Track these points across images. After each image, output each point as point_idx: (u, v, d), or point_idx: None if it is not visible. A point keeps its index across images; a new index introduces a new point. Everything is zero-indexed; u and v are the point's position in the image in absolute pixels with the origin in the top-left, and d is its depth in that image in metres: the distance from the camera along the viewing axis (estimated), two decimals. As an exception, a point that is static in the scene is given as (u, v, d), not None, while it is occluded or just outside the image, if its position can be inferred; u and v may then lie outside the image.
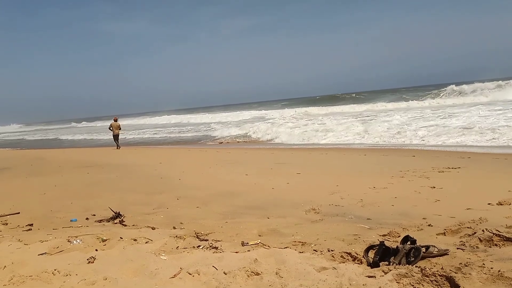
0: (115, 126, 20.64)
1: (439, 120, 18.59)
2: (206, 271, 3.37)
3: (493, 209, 5.02)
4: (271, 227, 4.87)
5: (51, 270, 3.48)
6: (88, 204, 7.04)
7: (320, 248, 3.89)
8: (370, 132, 17.80)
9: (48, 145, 33.01)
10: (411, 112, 24.85)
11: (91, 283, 3.22)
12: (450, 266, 3.08)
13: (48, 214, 6.40)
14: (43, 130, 69.80)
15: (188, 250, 4.08)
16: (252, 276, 3.23)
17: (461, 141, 13.13)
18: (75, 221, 5.75)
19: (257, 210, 5.99)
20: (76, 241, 4.49)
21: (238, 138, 24.04)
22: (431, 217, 4.80)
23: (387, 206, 5.59)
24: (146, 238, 4.54)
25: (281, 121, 28.14)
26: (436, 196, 5.95)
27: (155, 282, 3.20)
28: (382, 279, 2.95)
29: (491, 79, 37.58)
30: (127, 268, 3.53)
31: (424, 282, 2.85)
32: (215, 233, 4.81)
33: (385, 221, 4.78)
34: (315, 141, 18.33)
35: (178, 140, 27.42)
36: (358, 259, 3.46)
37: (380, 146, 14.33)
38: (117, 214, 5.76)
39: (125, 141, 27.56)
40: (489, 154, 10.47)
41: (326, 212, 5.48)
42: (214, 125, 36.82)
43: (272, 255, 3.64)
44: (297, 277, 3.14)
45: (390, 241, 3.89)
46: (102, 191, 8.46)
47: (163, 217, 5.83)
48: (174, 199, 7.10)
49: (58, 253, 4.13)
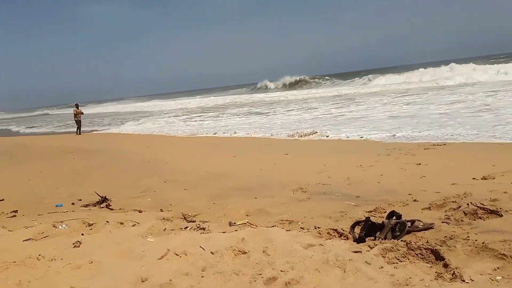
0: (77, 113, 22.37)
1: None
2: (193, 251, 3.35)
3: (477, 184, 5.08)
4: (259, 207, 4.87)
5: (35, 255, 3.43)
6: (74, 189, 6.96)
7: (307, 225, 3.90)
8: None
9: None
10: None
11: (77, 267, 3.19)
12: (435, 240, 3.12)
13: (33, 200, 6.31)
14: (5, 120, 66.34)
15: (175, 232, 4.06)
16: (240, 255, 3.23)
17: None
18: (61, 206, 5.67)
19: (245, 191, 5.98)
20: (61, 226, 4.43)
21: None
22: (416, 192, 4.84)
23: (374, 183, 5.62)
24: (133, 221, 4.50)
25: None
26: (421, 173, 6.00)
27: (142, 264, 3.18)
28: (368, 254, 2.97)
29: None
30: (114, 251, 3.50)
31: (410, 255, 2.88)
32: (203, 214, 4.79)
33: (372, 198, 4.81)
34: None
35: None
36: (344, 235, 3.48)
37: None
38: (104, 198, 5.70)
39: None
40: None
41: (313, 191, 5.50)
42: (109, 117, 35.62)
43: (259, 234, 3.63)
44: (284, 254, 3.14)
45: (376, 217, 3.92)
46: (88, 176, 8.37)
47: (151, 200, 5.80)
48: (161, 183, 7.06)
49: (43, 238, 4.07)
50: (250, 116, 21.90)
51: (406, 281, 2.52)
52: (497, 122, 10.29)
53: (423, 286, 2.43)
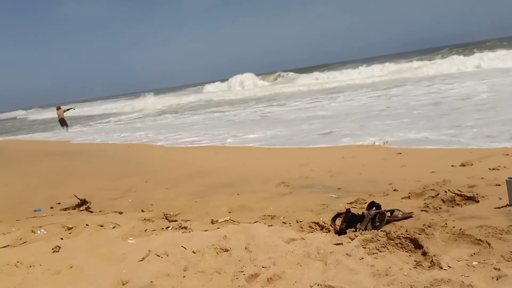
0: (60, 113, 22.78)
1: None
2: (174, 251, 3.33)
3: (456, 171, 5.16)
4: (241, 203, 4.86)
5: (13, 262, 3.36)
6: (53, 192, 6.82)
7: (289, 220, 3.91)
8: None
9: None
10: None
11: (56, 273, 3.13)
12: (414, 228, 3.15)
13: (11, 206, 6.17)
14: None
15: (157, 232, 4.03)
16: (222, 252, 3.22)
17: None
18: (39, 210, 5.56)
19: (227, 187, 5.95)
20: (40, 231, 4.34)
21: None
22: (397, 182, 4.89)
23: (355, 174, 5.66)
24: (114, 223, 4.44)
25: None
26: (402, 162, 6.06)
27: (122, 267, 3.14)
28: (349, 245, 2.99)
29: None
30: (94, 255, 3.45)
31: (389, 245, 2.91)
32: (184, 213, 4.76)
33: (353, 189, 4.84)
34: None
35: None
36: (325, 228, 3.49)
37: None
38: (83, 201, 5.61)
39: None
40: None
41: (295, 185, 5.51)
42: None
43: (241, 231, 3.63)
44: (265, 250, 3.14)
45: (357, 208, 3.95)
46: (68, 178, 8.23)
47: (131, 201, 5.73)
48: (142, 182, 6.98)
49: (21, 244, 3.99)
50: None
51: (386, 271, 2.55)
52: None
53: (402, 275, 2.46)
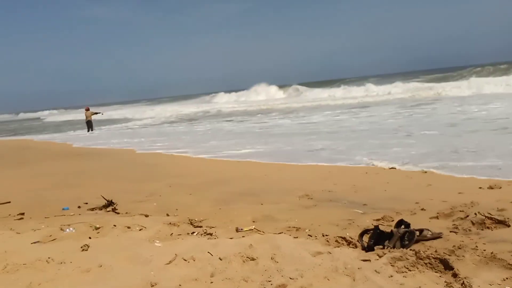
0: (88, 115, 23.44)
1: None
2: (201, 257, 3.37)
3: (484, 193, 5.07)
4: (265, 213, 4.88)
5: (45, 258, 3.45)
6: (79, 192, 6.98)
7: (315, 233, 3.91)
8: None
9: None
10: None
11: (86, 271, 3.21)
12: (444, 249, 3.12)
13: (40, 203, 6.34)
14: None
15: (183, 237, 4.08)
16: (248, 261, 3.24)
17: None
18: (67, 209, 5.70)
19: (250, 196, 5.99)
20: (69, 229, 4.45)
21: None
22: (423, 201, 4.84)
23: (380, 191, 5.62)
24: (140, 225, 4.52)
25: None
26: (427, 181, 5.99)
27: (150, 269, 3.19)
28: (377, 262, 2.98)
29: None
30: (122, 256, 3.51)
31: (419, 264, 2.89)
32: (209, 219, 4.80)
33: (379, 206, 4.81)
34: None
35: None
36: (352, 244, 3.48)
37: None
38: (110, 202, 5.72)
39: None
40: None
41: (319, 198, 5.50)
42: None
43: (266, 241, 3.65)
44: (292, 261, 3.15)
45: (384, 225, 3.93)
46: (92, 179, 8.40)
47: (156, 205, 5.81)
48: (166, 187, 7.07)
49: (51, 241, 4.09)
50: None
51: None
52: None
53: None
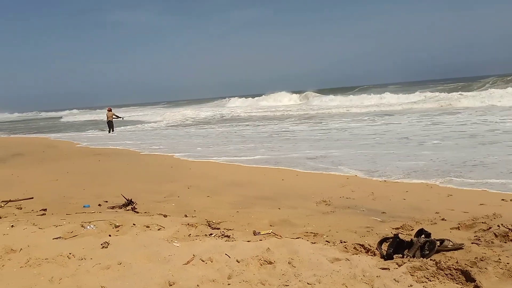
0: (109, 116, 23.72)
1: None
2: (219, 258, 3.38)
3: (507, 205, 4.96)
4: (282, 218, 4.88)
5: (66, 253, 3.53)
6: (100, 190, 7.10)
7: (333, 239, 3.89)
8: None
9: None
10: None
11: (106, 268, 3.26)
12: (466, 260, 3.06)
13: (61, 199, 6.47)
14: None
15: (201, 238, 4.10)
16: (265, 264, 3.25)
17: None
18: (88, 207, 5.80)
19: (268, 200, 5.99)
20: (89, 226, 4.53)
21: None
22: (444, 211, 4.77)
23: (399, 199, 5.56)
24: (159, 225, 4.57)
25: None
26: (448, 191, 5.90)
27: (168, 268, 3.23)
28: (396, 271, 2.95)
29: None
30: (141, 254, 3.56)
31: (439, 275, 2.85)
32: (227, 222, 4.83)
33: (398, 215, 4.76)
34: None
35: None
36: (371, 251, 3.46)
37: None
38: (129, 201, 5.80)
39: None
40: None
41: (337, 204, 5.47)
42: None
43: (284, 245, 3.65)
44: (310, 267, 3.14)
45: (404, 234, 3.88)
46: (113, 178, 8.53)
47: (175, 205, 5.87)
48: (184, 188, 7.13)
49: (72, 237, 4.17)
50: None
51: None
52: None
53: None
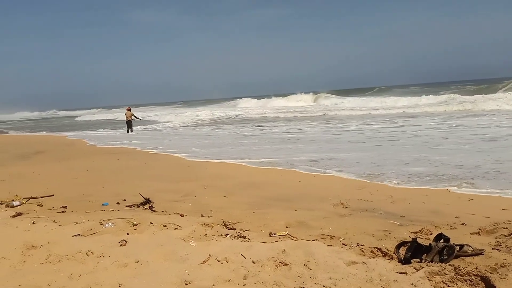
0: (128, 115, 23.71)
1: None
2: (234, 259, 3.39)
3: (529, 211, 4.85)
4: (299, 219, 4.86)
5: (85, 251, 3.59)
6: (118, 189, 7.19)
7: (349, 242, 3.86)
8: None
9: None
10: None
11: (123, 265, 3.30)
12: (485, 266, 3.00)
13: (81, 197, 6.58)
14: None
15: (217, 238, 4.12)
16: (281, 266, 3.24)
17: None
18: (107, 205, 5.89)
19: (284, 202, 5.98)
20: (108, 224, 4.60)
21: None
22: (464, 216, 4.68)
23: (418, 203, 5.48)
24: (175, 224, 4.61)
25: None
26: (468, 195, 5.79)
27: (185, 267, 3.25)
28: (413, 276, 2.91)
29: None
30: (158, 253, 3.60)
31: (458, 281, 2.80)
32: (243, 222, 4.83)
33: (417, 218, 4.69)
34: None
35: None
36: (388, 255, 3.41)
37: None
38: (147, 200, 5.86)
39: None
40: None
41: (354, 207, 5.42)
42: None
43: (300, 247, 3.63)
44: (326, 269, 3.12)
45: (422, 238, 3.82)
46: (131, 177, 8.64)
47: (191, 205, 5.91)
48: (201, 188, 7.17)
49: (91, 235, 4.24)
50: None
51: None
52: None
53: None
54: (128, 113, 23.86)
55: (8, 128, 39.53)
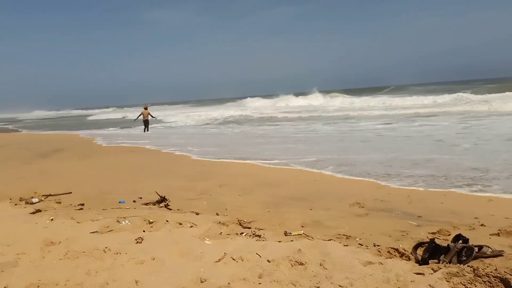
0: (145, 114, 23.34)
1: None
2: (249, 257, 3.40)
3: (551, 212, 4.73)
4: (315, 219, 4.83)
5: (102, 247, 3.64)
6: (135, 187, 7.27)
7: (366, 242, 3.82)
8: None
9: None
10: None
11: (140, 262, 3.34)
12: (505, 268, 2.93)
13: (98, 195, 6.67)
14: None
15: (232, 237, 4.13)
16: (296, 265, 3.23)
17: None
18: (123, 202, 5.96)
19: (300, 201, 5.96)
20: (124, 221, 4.65)
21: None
22: (483, 216, 4.60)
23: (436, 203, 5.40)
24: (191, 222, 4.63)
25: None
26: (488, 195, 5.68)
27: (200, 265, 3.27)
28: (431, 276, 2.86)
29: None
30: (173, 250, 3.63)
31: (477, 282, 2.74)
32: (258, 221, 4.83)
33: (435, 219, 4.62)
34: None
35: None
36: (405, 256, 3.37)
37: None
38: (163, 198, 5.91)
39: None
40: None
41: (371, 207, 5.37)
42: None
43: (316, 247, 3.62)
44: (342, 269, 3.10)
45: (440, 239, 3.76)
46: (147, 175, 8.71)
47: (206, 203, 5.93)
48: (216, 187, 7.19)
49: (108, 232, 4.30)
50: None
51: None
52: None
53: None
54: (145, 112, 23.81)
55: (21, 127, 39.81)
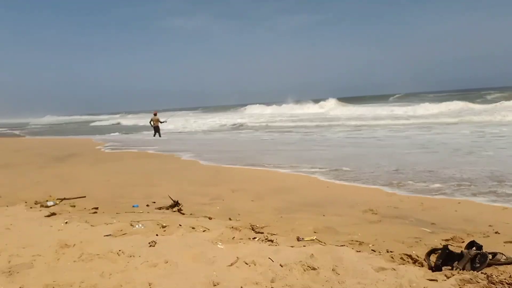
0: (155, 120, 22.95)
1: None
2: (262, 262, 3.41)
3: None
4: (327, 225, 4.83)
5: (116, 250, 3.69)
6: (148, 191, 7.34)
7: (379, 248, 3.81)
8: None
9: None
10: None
11: (153, 265, 3.38)
12: (520, 276, 2.91)
13: (112, 199, 6.75)
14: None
15: (244, 241, 4.15)
16: (309, 270, 3.24)
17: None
18: (137, 207, 6.02)
19: (312, 207, 5.95)
20: (138, 225, 4.71)
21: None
22: (498, 224, 4.54)
23: (450, 210, 5.35)
24: (204, 227, 4.66)
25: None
26: (502, 203, 5.61)
27: (213, 269, 3.30)
28: (444, 283, 2.85)
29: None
30: (186, 254, 3.66)
31: (491, 289, 2.72)
32: (270, 226, 4.84)
33: (448, 226, 4.58)
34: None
35: None
36: (419, 262, 3.36)
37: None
38: (176, 203, 5.96)
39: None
40: None
41: (384, 213, 5.34)
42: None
43: (328, 252, 3.62)
44: (354, 275, 3.10)
45: (454, 246, 3.74)
46: (161, 179, 8.78)
47: (219, 208, 5.96)
48: (229, 192, 7.22)
49: (122, 235, 4.35)
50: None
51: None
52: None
53: (508, 324, 2.28)
54: (154, 117, 23.63)
55: (26, 133, 40.00)
